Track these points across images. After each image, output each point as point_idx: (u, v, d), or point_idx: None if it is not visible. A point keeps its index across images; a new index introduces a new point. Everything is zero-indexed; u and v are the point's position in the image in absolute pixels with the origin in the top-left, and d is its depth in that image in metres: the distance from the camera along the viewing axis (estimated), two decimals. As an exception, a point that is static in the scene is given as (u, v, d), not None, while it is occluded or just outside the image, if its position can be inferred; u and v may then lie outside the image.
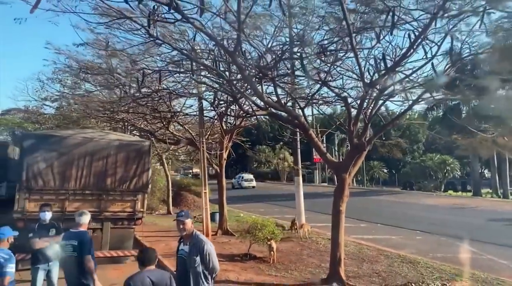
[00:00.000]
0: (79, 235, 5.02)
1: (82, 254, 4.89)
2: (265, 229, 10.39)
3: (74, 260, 4.91)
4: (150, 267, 3.97)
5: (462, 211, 20.80)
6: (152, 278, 3.85)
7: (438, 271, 9.22)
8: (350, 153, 7.74)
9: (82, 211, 5.25)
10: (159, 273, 4.04)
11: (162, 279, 3.92)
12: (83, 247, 4.92)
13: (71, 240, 4.97)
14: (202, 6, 5.29)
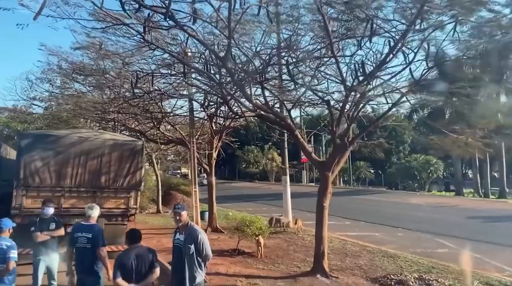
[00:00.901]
0: (92, 227, 5.41)
1: (95, 245, 5.27)
2: (253, 225, 10.84)
3: (87, 251, 5.27)
4: (135, 244, 4.76)
5: (443, 210, 21.57)
6: (136, 253, 4.67)
7: (416, 264, 9.79)
8: (333, 152, 8.24)
9: (92, 205, 5.63)
10: (142, 249, 4.79)
11: (144, 254, 4.72)
12: (96, 239, 5.30)
13: (84, 232, 5.33)
14: (195, 15, 5.71)
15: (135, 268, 4.59)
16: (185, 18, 6.10)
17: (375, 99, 8.01)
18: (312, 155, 8.53)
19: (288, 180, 16.60)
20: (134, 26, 6.83)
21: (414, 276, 8.57)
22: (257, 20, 6.84)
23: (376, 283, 8.31)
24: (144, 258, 4.67)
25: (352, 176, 49.93)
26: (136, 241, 4.80)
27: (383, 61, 7.03)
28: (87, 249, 5.25)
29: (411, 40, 7.99)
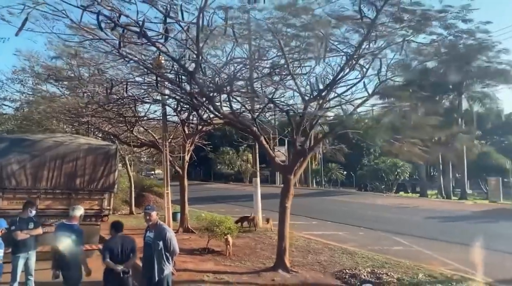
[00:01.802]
0: (71, 227, 6.03)
1: (70, 242, 5.84)
2: (222, 225, 11.50)
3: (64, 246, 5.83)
4: (120, 233, 5.83)
5: (405, 210, 22.81)
6: (120, 240, 5.70)
7: (372, 260, 10.66)
8: (294, 157, 9.02)
9: (76, 206, 6.25)
10: (126, 238, 5.87)
11: (128, 242, 5.76)
12: (71, 236, 5.86)
13: (66, 231, 5.92)
14: (166, 33, 6.34)
15: (120, 252, 5.53)
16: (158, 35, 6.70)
17: (331, 111, 8.82)
18: (275, 159, 9.28)
19: (258, 182, 17.35)
20: (111, 40, 7.37)
21: (367, 270, 9.42)
22: (224, 37, 7.51)
23: (332, 277, 9.12)
24: (127, 244, 5.65)
25: (324, 177, 51.23)
26: (121, 230, 5.87)
27: (336, 77, 7.84)
28: (64, 245, 5.80)
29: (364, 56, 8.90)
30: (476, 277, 9.20)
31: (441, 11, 7.84)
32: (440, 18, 7.95)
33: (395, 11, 7.66)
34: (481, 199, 31.77)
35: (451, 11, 7.77)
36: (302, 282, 8.60)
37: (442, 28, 8.09)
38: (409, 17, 7.88)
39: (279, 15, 7.21)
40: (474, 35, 8.45)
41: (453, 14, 7.78)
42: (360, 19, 7.11)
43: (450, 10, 7.75)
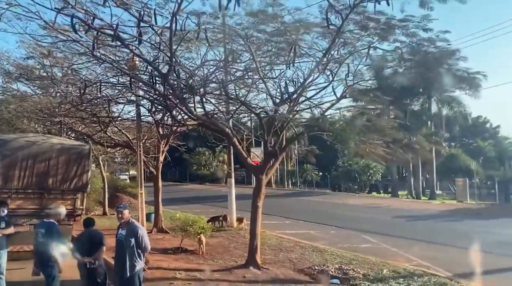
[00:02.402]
0: (47, 224, 6.25)
1: (48, 239, 6.03)
2: (195, 225, 11.67)
3: (42, 244, 6.05)
4: (90, 228, 6.34)
5: (376, 210, 23.54)
6: (88, 234, 6.25)
7: (340, 257, 11.06)
8: (265, 158, 9.31)
9: (54, 205, 6.46)
10: (95, 232, 6.42)
11: (96, 235, 6.30)
12: (48, 234, 6.07)
13: (41, 228, 6.22)
14: (140, 37, 6.51)
15: (89, 245, 6.00)
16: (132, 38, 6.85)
17: (301, 113, 9.18)
18: (247, 160, 9.55)
19: (233, 182, 17.59)
20: (85, 41, 7.47)
21: (335, 266, 9.82)
22: (197, 41, 7.73)
23: (301, 273, 9.47)
24: (95, 238, 6.13)
25: (299, 178, 51.89)
26: (90, 226, 6.37)
27: (304, 81, 8.20)
28: (41, 243, 6.02)
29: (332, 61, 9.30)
30: (437, 271, 9.77)
31: (403, 20, 8.32)
32: (402, 27, 8.43)
33: (360, 20, 8.08)
34: (450, 199, 33.04)
35: (413, 21, 8.25)
36: (272, 278, 8.90)
37: (405, 36, 8.57)
38: (374, 25, 8.30)
39: (250, 21, 7.50)
40: (434, 43, 8.98)
41: (415, 23, 8.26)
42: (327, 26, 7.48)
43: (411, 19, 8.24)
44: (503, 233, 15.14)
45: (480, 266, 10.50)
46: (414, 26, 8.29)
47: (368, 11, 8.05)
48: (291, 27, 8.04)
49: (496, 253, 11.76)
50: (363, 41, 9.12)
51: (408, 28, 8.47)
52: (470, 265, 10.63)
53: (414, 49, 9.29)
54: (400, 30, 8.49)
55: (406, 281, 8.71)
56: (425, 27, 8.18)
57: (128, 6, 6.37)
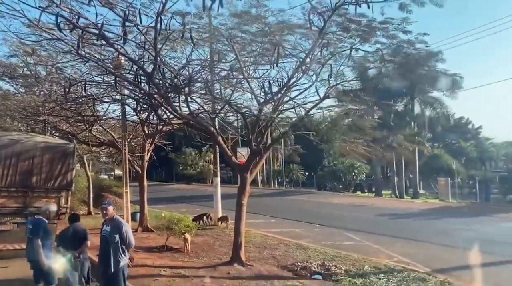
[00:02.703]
0: (34, 220, 6.40)
1: (33, 235, 6.15)
2: (180, 223, 11.78)
3: (29, 239, 6.25)
4: (75, 223, 6.66)
5: (359, 208, 23.91)
6: (73, 228, 6.56)
7: (323, 254, 11.28)
8: (250, 156, 9.47)
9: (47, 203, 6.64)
10: (80, 227, 6.67)
11: (81, 230, 6.61)
12: (34, 230, 6.19)
13: (29, 224, 6.42)
14: (125, 36, 6.59)
15: (72, 239, 6.31)
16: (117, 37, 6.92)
17: (285, 113, 9.36)
18: (232, 159, 9.69)
19: (219, 181, 17.72)
20: (69, 40, 7.51)
21: (318, 263, 10.04)
22: (182, 41, 7.84)
23: (284, 269, 9.65)
24: (79, 233, 6.45)
25: (285, 178, 52.21)
26: (75, 221, 6.69)
27: (288, 81, 8.38)
28: (29, 238, 6.19)
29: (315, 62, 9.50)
30: (416, 267, 10.06)
31: (383, 22, 8.56)
32: (383, 29, 8.67)
33: (342, 21, 8.29)
34: (432, 198, 33.69)
35: (393, 23, 8.51)
36: (256, 274, 9.06)
37: (385, 38, 8.82)
38: (355, 27, 8.53)
39: (234, 21, 7.64)
40: (414, 45, 9.25)
41: (395, 26, 8.51)
42: (310, 28, 7.67)
43: (391, 21, 8.49)
44: (478, 230, 15.61)
45: (456, 261, 10.91)
46: (394, 28, 8.53)
47: (350, 13, 8.25)
48: (275, 28, 8.21)
49: (471, 249, 12.12)
50: (345, 43, 9.36)
51: (388, 30, 8.72)
52: (448, 261, 11.01)
53: (394, 51, 9.55)
54: (381, 32, 8.72)
55: (386, 277, 8.95)
56: (404, 29, 8.43)
57: (113, 5, 6.44)
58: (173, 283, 8.19)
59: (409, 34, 8.78)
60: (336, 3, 7.35)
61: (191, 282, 8.30)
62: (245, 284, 8.31)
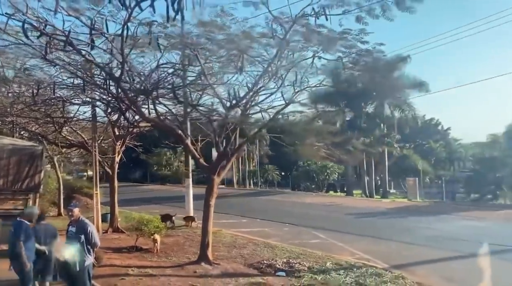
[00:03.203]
0: (14, 223, 6.66)
1: (15, 237, 6.38)
2: (150, 224, 11.98)
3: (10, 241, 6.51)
4: (43, 222, 7.07)
5: (330, 208, 24.59)
6: (44, 228, 6.94)
7: (289, 252, 11.73)
8: (217, 159, 9.81)
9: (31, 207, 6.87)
10: (49, 226, 7.25)
11: (50, 229, 7.09)
12: (14, 232, 6.45)
13: (11, 227, 6.66)
14: (92, 43, 6.81)
15: (43, 236, 6.70)
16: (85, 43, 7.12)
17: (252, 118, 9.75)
18: (200, 161, 10.00)
19: (190, 182, 17.95)
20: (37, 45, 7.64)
21: (283, 260, 10.47)
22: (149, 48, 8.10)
23: (251, 267, 10.05)
24: (49, 231, 6.92)
25: (260, 178, 52.71)
26: (43, 219, 7.12)
27: (252, 87, 8.77)
28: (10, 240, 6.46)
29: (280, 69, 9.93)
30: (376, 263, 10.65)
31: (343, 33, 9.07)
32: (342, 39, 9.18)
33: (303, 31, 8.75)
34: (402, 198, 34.80)
35: (351, 34, 9.03)
36: (222, 272, 9.41)
37: (344, 47, 9.34)
38: (316, 37, 9.00)
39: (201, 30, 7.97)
40: (372, 54, 9.82)
41: (353, 36, 9.03)
42: (272, 37, 8.08)
43: (350, 32, 9.00)
44: (439, 228, 16.46)
45: (414, 257, 11.59)
46: (352, 38, 9.05)
47: (311, 24, 8.71)
48: (240, 36, 8.58)
49: (430, 246, 12.90)
50: (308, 51, 9.83)
51: (348, 40, 9.23)
52: (406, 257, 11.69)
53: (354, 58, 10.08)
54: (341, 41, 9.23)
55: (345, 272, 9.48)
56: (361, 40, 8.97)
57: (80, 13, 6.65)
58: (140, 281, 8.45)
59: (367, 44, 9.34)
60: (297, 14, 7.78)
61: (157, 280, 8.57)
62: (210, 281, 8.64)
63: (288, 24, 8.07)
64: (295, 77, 10.02)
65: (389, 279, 8.91)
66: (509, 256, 11.58)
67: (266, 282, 8.80)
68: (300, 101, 10.72)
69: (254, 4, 7.77)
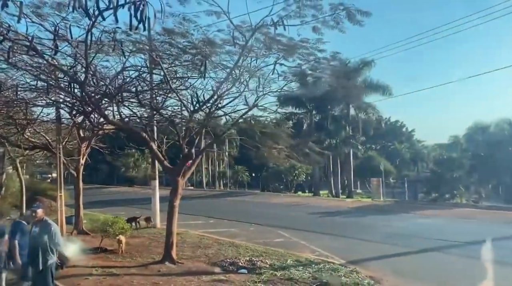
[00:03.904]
0: (14, 223, 6.95)
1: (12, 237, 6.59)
2: (115, 225, 12.10)
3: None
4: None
5: (295, 207, 25.27)
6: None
7: (253, 251, 12.13)
8: (181, 160, 10.11)
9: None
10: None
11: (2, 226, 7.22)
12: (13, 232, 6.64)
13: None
14: (56, 49, 6.99)
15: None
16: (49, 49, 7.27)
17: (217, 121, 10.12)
18: (164, 163, 10.26)
19: (157, 184, 18.08)
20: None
21: (246, 259, 10.86)
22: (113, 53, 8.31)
23: (214, 265, 10.38)
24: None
25: (230, 179, 53.00)
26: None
27: (215, 92, 9.15)
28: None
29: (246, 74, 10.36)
30: (334, 259, 11.24)
31: (302, 41, 9.60)
32: (301, 47, 9.71)
33: (264, 39, 9.21)
34: (366, 197, 36.09)
35: (309, 42, 9.57)
36: (186, 271, 9.71)
37: (303, 55, 9.87)
38: (276, 45, 9.49)
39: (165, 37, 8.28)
40: (329, 61, 10.41)
41: (311, 45, 9.57)
42: (234, 45, 8.49)
43: (308, 41, 9.54)
44: (396, 226, 17.39)
45: (370, 253, 12.29)
46: (310, 47, 9.59)
47: (271, 33, 9.18)
48: (203, 42, 8.94)
49: (385, 243, 13.69)
50: (270, 57, 10.31)
51: (306, 48, 9.77)
52: (363, 253, 12.37)
53: (313, 66, 10.65)
54: (299, 50, 9.75)
55: (305, 268, 9.98)
56: (318, 49, 9.53)
57: (44, 19, 6.81)
58: (104, 280, 8.63)
59: (324, 53, 9.91)
60: (256, 24, 8.23)
61: (121, 279, 8.77)
62: (173, 280, 8.91)
63: (249, 33, 8.48)
64: (258, 83, 10.49)
65: (343, 273, 9.47)
66: (455, 251, 12.49)
67: (228, 279, 9.15)
68: (263, 105, 11.11)
69: (216, 13, 8.14)
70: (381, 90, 36.45)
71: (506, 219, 19.30)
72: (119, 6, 5.72)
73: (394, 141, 63.48)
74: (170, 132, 14.80)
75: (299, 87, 23.66)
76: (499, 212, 21.97)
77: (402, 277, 9.71)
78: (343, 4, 7.92)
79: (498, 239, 13.95)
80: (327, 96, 32.45)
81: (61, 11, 6.87)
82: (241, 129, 12.37)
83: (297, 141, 12.58)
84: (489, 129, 41.49)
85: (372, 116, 39.45)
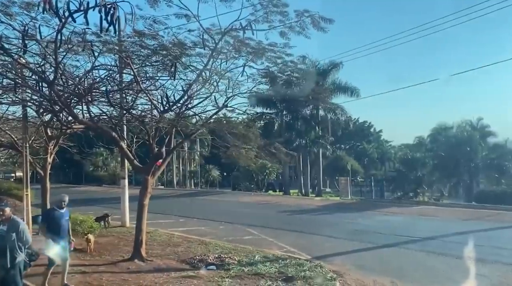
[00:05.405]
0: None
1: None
2: (84, 224, 12.10)
3: None
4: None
5: (265, 206, 25.73)
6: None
7: (222, 248, 12.40)
8: (151, 160, 10.26)
9: None
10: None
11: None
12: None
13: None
14: (25, 48, 7.02)
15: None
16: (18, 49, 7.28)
17: (187, 121, 10.32)
18: (134, 162, 10.37)
19: (126, 184, 18.00)
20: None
21: (215, 256, 11.12)
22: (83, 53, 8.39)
23: (183, 263, 10.59)
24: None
25: (201, 178, 52.96)
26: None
27: (185, 93, 9.38)
28: None
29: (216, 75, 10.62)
30: (300, 255, 11.69)
31: (270, 45, 9.96)
32: (269, 50, 10.08)
33: (233, 42, 9.51)
34: (335, 196, 37.04)
35: (277, 46, 9.95)
36: (155, 268, 9.88)
37: (272, 58, 10.25)
38: (245, 48, 9.81)
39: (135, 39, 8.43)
40: (296, 65, 10.84)
41: (278, 49, 9.96)
42: (203, 48, 8.75)
43: (276, 45, 9.92)
44: (360, 222, 18.12)
45: (334, 249, 12.84)
46: (278, 51, 9.98)
47: (240, 36, 9.49)
48: (174, 43, 9.15)
49: (350, 239, 14.30)
50: (239, 60, 10.62)
51: (274, 51, 10.15)
52: (328, 248, 12.90)
53: (281, 68, 11.05)
54: (268, 53, 10.12)
55: (272, 264, 10.36)
56: (286, 52, 9.93)
57: (12, 18, 6.83)
58: (72, 278, 8.69)
59: (290, 56, 10.33)
60: (225, 28, 8.52)
61: (90, 277, 8.86)
62: (142, 277, 9.08)
63: (219, 36, 8.76)
64: (228, 84, 10.79)
65: (308, 268, 9.90)
66: (414, 246, 13.23)
67: (197, 275, 9.40)
68: (232, 106, 11.39)
69: (186, 16, 8.37)
70: (349, 92, 37.48)
71: (463, 216, 20.43)
72: (89, 9, 5.87)
73: (362, 141, 65.12)
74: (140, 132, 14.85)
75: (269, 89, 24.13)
76: (458, 210, 23.19)
77: (363, 271, 10.24)
78: (308, 11, 8.32)
79: (452, 235, 14.91)
80: (297, 97, 33.09)
81: (30, 11, 6.91)
82: (212, 129, 12.59)
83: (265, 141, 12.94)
84: (452, 131, 43.59)
85: (340, 117, 40.39)
